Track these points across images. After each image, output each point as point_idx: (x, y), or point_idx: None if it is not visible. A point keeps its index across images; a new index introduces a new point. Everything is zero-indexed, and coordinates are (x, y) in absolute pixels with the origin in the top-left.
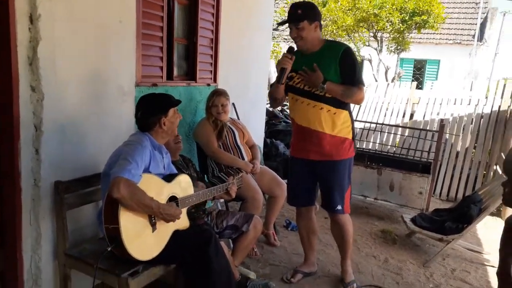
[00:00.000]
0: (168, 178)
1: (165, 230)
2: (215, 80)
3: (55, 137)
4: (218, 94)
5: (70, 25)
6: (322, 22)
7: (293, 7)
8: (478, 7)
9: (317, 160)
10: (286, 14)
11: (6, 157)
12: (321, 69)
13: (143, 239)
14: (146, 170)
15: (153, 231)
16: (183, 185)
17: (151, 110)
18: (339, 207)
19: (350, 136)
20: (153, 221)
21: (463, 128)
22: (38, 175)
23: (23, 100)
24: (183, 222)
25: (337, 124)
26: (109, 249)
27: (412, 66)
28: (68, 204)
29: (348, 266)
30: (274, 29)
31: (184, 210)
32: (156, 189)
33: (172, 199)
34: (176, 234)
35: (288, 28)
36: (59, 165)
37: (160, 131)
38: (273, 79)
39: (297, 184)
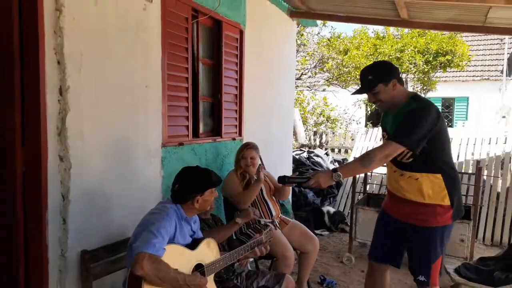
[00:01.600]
0: (193, 245)
1: None
2: (240, 134)
3: (82, 205)
4: (249, 148)
5: (97, 94)
6: (344, 69)
7: (363, 74)
8: (504, 43)
9: (404, 221)
10: (308, 63)
11: (34, 228)
12: (393, 127)
13: None
14: (171, 241)
15: None
16: (209, 250)
17: (188, 186)
18: (421, 278)
19: (445, 203)
20: None
21: (502, 168)
22: (65, 245)
23: (51, 170)
24: None
25: (423, 191)
26: None
27: (440, 105)
28: (94, 274)
29: None
30: (297, 79)
31: (211, 277)
32: (180, 260)
33: (199, 266)
34: None
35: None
36: (85, 234)
37: (191, 207)
38: (298, 127)
39: (380, 237)
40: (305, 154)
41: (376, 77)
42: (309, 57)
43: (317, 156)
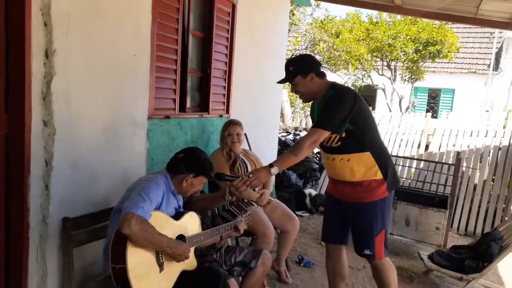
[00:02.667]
0: (177, 216)
1: (173, 271)
2: (227, 111)
3: (66, 172)
4: (234, 124)
5: (85, 59)
6: (335, 53)
7: (286, 65)
8: (493, 37)
9: (346, 201)
10: (300, 45)
11: (16, 192)
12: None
13: (150, 280)
14: (157, 209)
15: (160, 271)
16: (191, 223)
17: (190, 161)
18: (366, 252)
19: (378, 177)
20: (161, 260)
21: (481, 161)
22: (47, 211)
23: (35, 135)
24: (190, 262)
25: (355, 170)
26: None
27: (427, 95)
28: (75, 241)
29: None
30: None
31: (192, 250)
32: (164, 228)
33: (180, 238)
34: (184, 274)
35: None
36: (69, 201)
37: (179, 182)
38: (286, 108)
39: (329, 219)
40: (291, 136)
41: (296, 69)
42: (300, 37)
43: None
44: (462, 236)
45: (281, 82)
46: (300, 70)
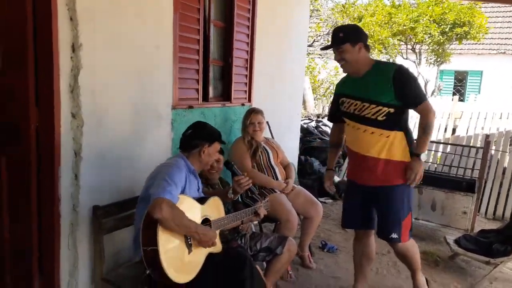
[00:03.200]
0: (201, 200)
1: (200, 253)
2: (249, 100)
3: (94, 162)
4: (255, 112)
5: (109, 53)
6: None
7: (335, 31)
8: None
9: (372, 185)
10: (321, 30)
11: (47, 183)
12: (370, 91)
13: (180, 261)
14: (182, 192)
15: (189, 253)
16: (216, 207)
17: (200, 133)
18: (393, 235)
19: (408, 159)
20: (189, 242)
21: (511, 143)
22: (77, 200)
23: (64, 127)
24: (217, 245)
25: (391, 148)
26: (147, 272)
27: (453, 78)
28: (105, 229)
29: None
30: (309, 45)
31: (217, 233)
32: (189, 211)
33: (205, 221)
34: (210, 257)
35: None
36: (97, 190)
37: (197, 156)
38: (308, 95)
39: (351, 206)
40: (313, 123)
41: (346, 36)
42: (322, 23)
43: (325, 125)
44: (490, 221)
45: (326, 48)
46: (350, 38)
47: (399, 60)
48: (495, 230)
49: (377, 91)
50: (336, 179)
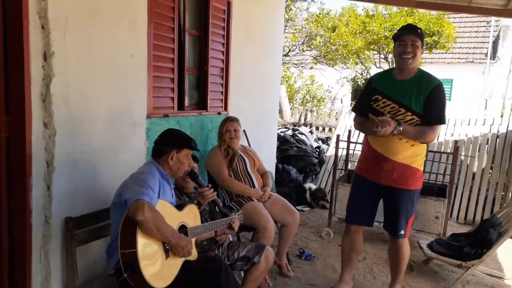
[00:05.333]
0: (179, 207)
1: (176, 260)
2: (226, 108)
3: (67, 172)
4: (231, 120)
5: (83, 60)
6: (332, 47)
7: (411, 25)
8: (490, 25)
9: (386, 185)
10: (297, 41)
11: (18, 193)
12: (407, 98)
13: (158, 266)
14: (157, 197)
15: (166, 259)
16: (193, 215)
17: (168, 140)
18: (402, 232)
19: (421, 168)
20: (167, 247)
21: (479, 149)
22: (49, 212)
23: (36, 136)
24: (192, 254)
25: (412, 155)
26: (125, 275)
27: None
28: (78, 240)
29: None
30: (284, 55)
31: (192, 241)
32: (168, 216)
33: (182, 228)
34: (186, 264)
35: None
36: (70, 201)
37: (167, 162)
38: (284, 104)
39: (358, 202)
40: (290, 132)
41: (422, 35)
42: (297, 33)
43: (302, 134)
44: (461, 225)
45: (403, 33)
46: (422, 39)
47: (372, 70)
48: (466, 233)
49: (414, 99)
50: (313, 186)
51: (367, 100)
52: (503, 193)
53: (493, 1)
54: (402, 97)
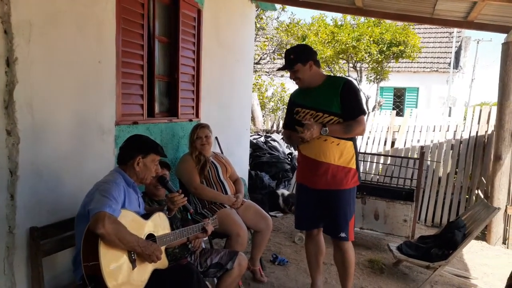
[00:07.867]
0: (145, 216)
1: (145, 269)
2: (197, 115)
3: (31, 181)
4: (202, 126)
5: (48, 67)
6: None
7: (286, 53)
8: (452, 36)
9: (322, 189)
10: (267, 49)
11: None
12: (321, 102)
13: (123, 277)
14: (122, 207)
15: (133, 268)
16: (161, 223)
17: (133, 145)
18: (342, 234)
19: (354, 166)
20: (133, 257)
21: (444, 154)
22: (13, 222)
23: None
24: (162, 261)
25: (341, 155)
26: None
27: (392, 94)
28: (44, 251)
29: None
30: (255, 63)
31: (162, 249)
32: (133, 226)
33: (150, 237)
34: (156, 273)
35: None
36: (35, 211)
37: (132, 168)
38: (257, 111)
39: (303, 209)
40: (262, 139)
41: (296, 57)
42: (268, 41)
43: (274, 140)
44: (429, 227)
45: (281, 69)
46: (301, 58)
47: None
48: (433, 235)
49: (327, 101)
50: (286, 192)
51: (291, 115)
52: (467, 196)
53: (454, 13)
54: (316, 103)
